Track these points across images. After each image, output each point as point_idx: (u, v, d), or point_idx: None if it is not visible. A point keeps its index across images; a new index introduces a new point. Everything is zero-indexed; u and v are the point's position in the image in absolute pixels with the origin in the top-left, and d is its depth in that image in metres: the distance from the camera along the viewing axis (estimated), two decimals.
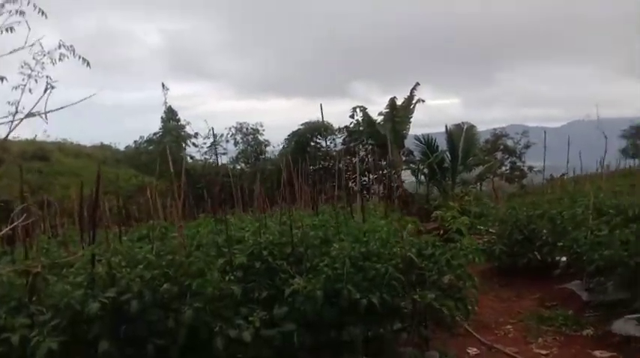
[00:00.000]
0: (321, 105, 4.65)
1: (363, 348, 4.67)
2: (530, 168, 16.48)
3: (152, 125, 29.71)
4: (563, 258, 7.02)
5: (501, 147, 21.07)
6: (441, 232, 6.05)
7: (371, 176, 19.62)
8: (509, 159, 21.08)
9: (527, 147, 20.29)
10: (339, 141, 21.77)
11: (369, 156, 19.65)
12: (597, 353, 5.17)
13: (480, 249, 8.78)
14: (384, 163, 18.27)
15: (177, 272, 3.93)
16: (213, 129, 24.18)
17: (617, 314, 5.71)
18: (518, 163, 20.70)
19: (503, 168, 20.68)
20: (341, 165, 16.86)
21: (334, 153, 19.85)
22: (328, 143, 22.43)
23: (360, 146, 19.64)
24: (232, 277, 3.99)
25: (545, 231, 7.81)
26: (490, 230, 9.13)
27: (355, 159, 18.89)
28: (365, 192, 17.49)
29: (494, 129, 22.20)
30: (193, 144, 24.43)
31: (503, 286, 8.04)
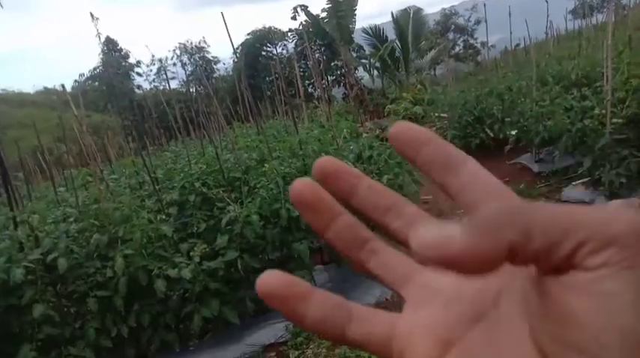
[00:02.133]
0: (222, 13, 4.20)
1: (318, 259, 4.70)
2: (484, 44, 16.09)
3: (92, 60, 28.18)
4: (513, 133, 7.01)
5: (452, 27, 20.47)
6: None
7: (329, 78, 19.16)
8: (461, 39, 20.58)
9: (478, 23, 19.70)
10: (290, 46, 20.95)
11: (323, 57, 19.01)
12: None
13: None
14: (335, 63, 17.76)
15: (104, 221, 3.74)
16: (153, 55, 22.82)
17: (566, 182, 5.82)
18: (471, 41, 20.27)
19: (457, 49, 20.26)
20: (296, 72, 16.29)
21: (288, 59, 19.17)
22: (280, 49, 21.59)
23: (313, 47, 18.91)
24: (163, 217, 3.82)
25: (494, 108, 7.75)
26: (442, 115, 9.04)
27: (311, 63, 18.25)
28: (324, 96, 17.16)
29: (444, 9, 21.42)
30: (137, 74, 23.29)
31: None
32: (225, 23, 4.30)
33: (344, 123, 5.07)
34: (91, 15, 23.38)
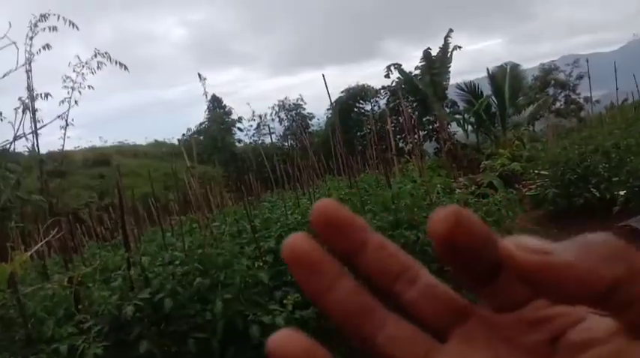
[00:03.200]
0: (323, 75, 4.48)
1: None
2: (587, 99, 15.35)
3: (199, 116, 30.46)
4: (622, 193, 6.53)
5: (552, 81, 19.80)
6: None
7: (420, 133, 19.21)
8: (562, 94, 19.81)
9: (580, 78, 18.91)
10: (382, 102, 21.42)
11: (415, 112, 19.18)
12: None
13: (533, 195, 8.42)
14: (427, 118, 17.78)
15: (207, 265, 3.99)
16: (253, 111, 24.33)
17: None
18: (573, 96, 19.42)
19: (558, 104, 19.49)
20: (388, 127, 16.56)
21: (380, 115, 19.58)
22: (372, 106, 22.12)
23: (405, 103, 19.18)
24: (261, 263, 4.00)
25: (600, 166, 7.31)
26: (542, 172, 8.65)
27: (402, 119, 18.46)
28: (417, 151, 17.16)
29: (542, 64, 20.87)
30: (239, 129, 24.85)
31: (561, 231, 7.64)
32: (326, 83, 4.58)
33: (437, 178, 5.05)
34: (199, 75, 25.56)
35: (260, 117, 25.13)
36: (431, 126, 18.89)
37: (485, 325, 0.23)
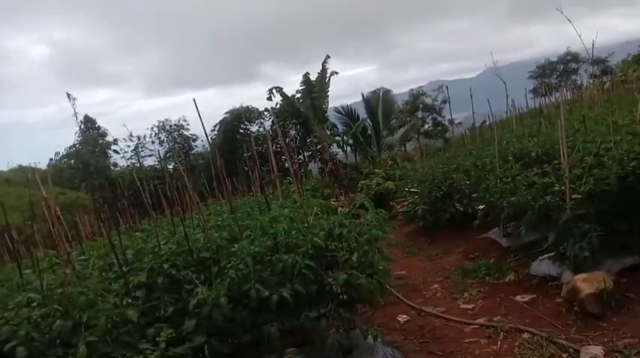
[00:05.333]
0: (194, 99, 4.38)
1: (290, 340, 4.59)
2: (451, 122, 16.88)
3: (69, 138, 28.16)
4: (481, 207, 7.19)
5: (420, 105, 21.47)
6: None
7: (305, 153, 19.61)
8: (430, 117, 21.54)
9: (444, 102, 20.74)
10: (267, 124, 21.49)
11: (299, 134, 19.55)
12: (519, 297, 5.35)
13: (406, 211, 8.92)
14: (310, 140, 18.24)
15: (68, 305, 3.64)
16: (131, 133, 23.03)
17: (534, 256, 5.93)
18: (439, 118, 21.21)
19: (426, 126, 21.13)
20: (274, 148, 16.72)
21: (265, 136, 19.63)
22: (257, 127, 22.11)
23: (289, 124, 19.49)
24: (130, 300, 3.75)
25: (462, 183, 7.99)
26: (413, 190, 9.26)
27: (287, 140, 18.71)
28: (302, 171, 17.49)
29: (412, 90, 22.56)
30: (114, 151, 23.38)
31: (431, 244, 8.21)
32: (197, 108, 4.47)
33: (314, 200, 5.15)
34: (68, 95, 23.74)
35: (138, 138, 23.90)
36: (314, 147, 19.38)
37: None
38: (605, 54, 24.65)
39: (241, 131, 21.99)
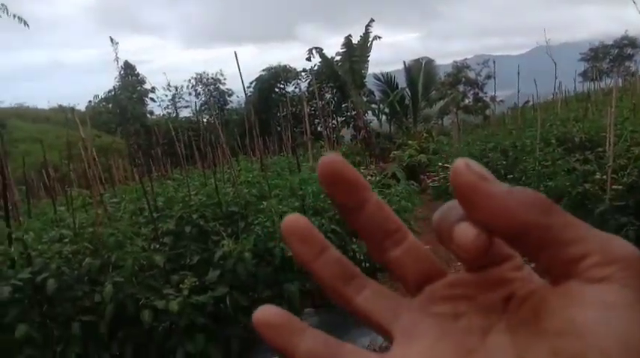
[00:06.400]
0: (235, 52, 4.32)
1: (309, 302, 4.65)
2: (493, 99, 16.36)
3: (107, 83, 28.67)
4: None
5: (463, 79, 20.81)
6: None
7: (338, 119, 19.43)
8: (471, 92, 20.88)
9: (488, 77, 20.02)
10: (303, 85, 21.32)
11: (335, 98, 19.33)
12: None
13: (436, 186, 8.79)
14: (345, 105, 18.02)
15: (98, 245, 3.75)
16: (169, 82, 23.20)
17: None
18: (481, 94, 20.55)
19: (467, 101, 20.53)
20: (308, 110, 16.59)
21: (300, 97, 19.48)
22: (293, 88, 21.94)
23: (325, 88, 19.26)
24: (157, 246, 3.83)
25: (498, 163, 7.79)
26: (446, 165, 9.09)
27: (322, 103, 18.52)
28: (334, 136, 17.38)
29: (455, 62, 21.85)
30: (151, 99, 23.64)
31: None
32: (238, 62, 4.43)
33: None
34: (111, 39, 23.95)
35: (176, 88, 24.09)
36: (349, 113, 19.15)
37: (451, 284, 0.27)
38: None
39: (277, 90, 21.88)
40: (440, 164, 9.31)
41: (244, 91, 6.19)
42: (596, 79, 15.26)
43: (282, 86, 22.00)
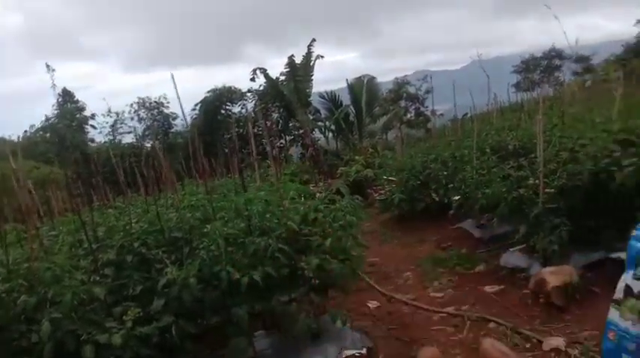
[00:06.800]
0: (172, 75, 4.29)
1: (259, 324, 4.60)
2: (433, 112, 16.96)
3: (43, 112, 27.45)
4: (456, 198, 7.26)
5: (404, 95, 21.45)
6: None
7: (287, 137, 19.48)
8: (413, 106, 21.54)
9: (428, 92, 20.76)
10: (250, 105, 21.25)
11: (281, 118, 19.39)
12: (487, 288, 5.44)
13: (383, 199, 8.95)
14: (292, 124, 18.12)
15: (34, 281, 3.58)
16: (109, 108, 22.60)
17: (505, 248, 6.03)
18: (422, 109, 21.24)
19: (409, 115, 21.15)
20: (255, 130, 16.54)
21: (246, 118, 19.38)
22: (240, 108, 21.84)
23: (272, 107, 19.31)
24: (98, 278, 3.70)
25: (440, 174, 8.05)
26: (391, 178, 9.30)
27: (269, 123, 18.51)
28: (282, 155, 17.38)
29: (396, 78, 22.52)
30: (92, 126, 22.89)
31: (405, 232, 8.28)
32: (175, 85, 4.39)
33: (291, 184, 5.13)
34: (47, 66, 23.13)
35: (117, 114, 23.45)
36: (296, 132, 19.26)
37: None
38: (589, 52, 24.95)
39: (223, 112, 21.72)
40: (385, 177, 9.52)
41: (183, 114, 6.13)
42: (529, 90, 16.11)
43: (227, 107, 21.87)
